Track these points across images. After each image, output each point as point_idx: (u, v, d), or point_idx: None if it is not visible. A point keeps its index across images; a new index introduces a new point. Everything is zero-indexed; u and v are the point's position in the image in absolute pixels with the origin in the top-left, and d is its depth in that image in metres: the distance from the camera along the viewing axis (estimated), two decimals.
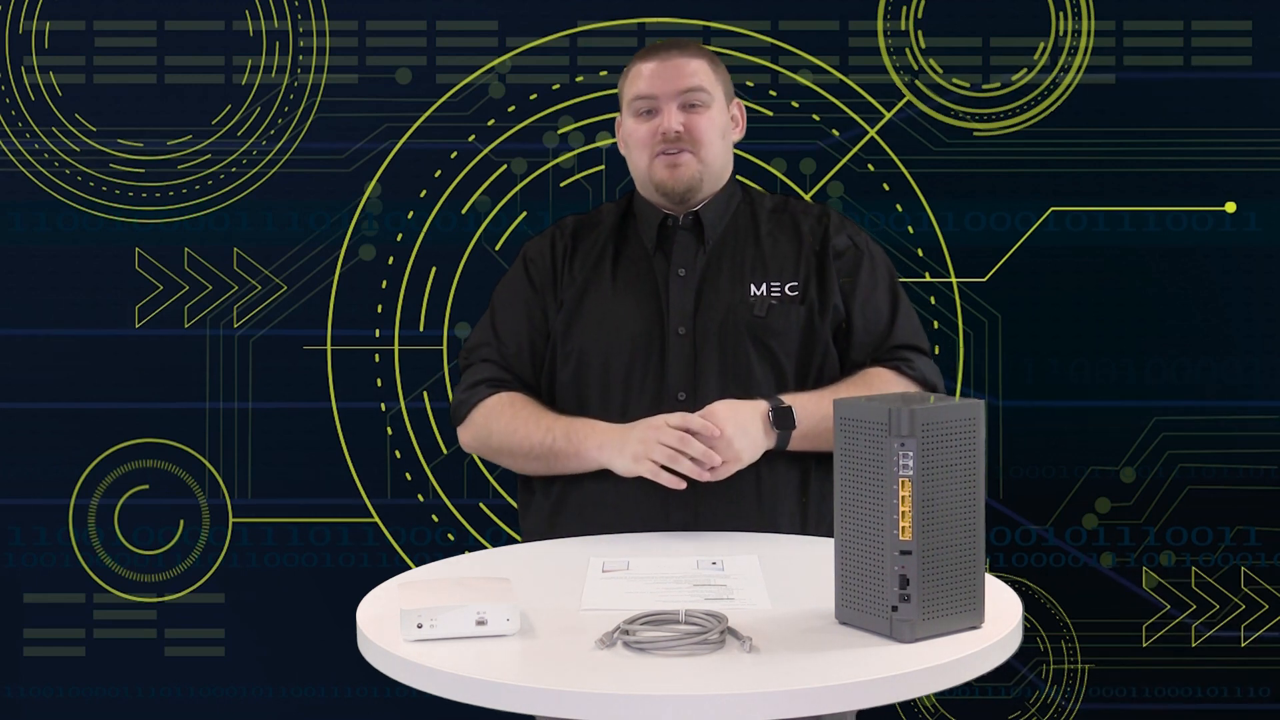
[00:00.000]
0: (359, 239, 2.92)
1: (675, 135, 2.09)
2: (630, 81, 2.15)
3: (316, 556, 2.93)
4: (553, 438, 2.06)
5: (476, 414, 2.14)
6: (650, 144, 2.11)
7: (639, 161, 2.14)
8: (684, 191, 2.11)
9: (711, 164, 2.13)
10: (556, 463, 2.07)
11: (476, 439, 2.16)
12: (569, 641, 1.45)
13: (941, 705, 2.93)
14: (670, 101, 2.10)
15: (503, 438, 2.11)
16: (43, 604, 2.94)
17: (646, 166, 2.12)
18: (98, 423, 2.92)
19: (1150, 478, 2.89)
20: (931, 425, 1.41)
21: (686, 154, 2.10)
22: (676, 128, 2.09)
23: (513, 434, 2.09)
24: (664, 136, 2.09)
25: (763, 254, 2.14)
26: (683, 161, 2.10)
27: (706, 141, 2.11)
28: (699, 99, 2.11)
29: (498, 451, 2.14)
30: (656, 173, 2.11)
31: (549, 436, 2.06)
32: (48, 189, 2.91)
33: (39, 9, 2.90)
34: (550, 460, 2.07)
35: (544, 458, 2.07)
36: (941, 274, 2.88)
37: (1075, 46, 2.86)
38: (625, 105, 2.16)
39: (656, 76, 2.11)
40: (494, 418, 2.12)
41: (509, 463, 2.15)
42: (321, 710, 2.94)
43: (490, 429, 2.12)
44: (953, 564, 1.43)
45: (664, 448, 1.94)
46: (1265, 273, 2.88)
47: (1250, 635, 2.91)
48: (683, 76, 2.10)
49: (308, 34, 2.90)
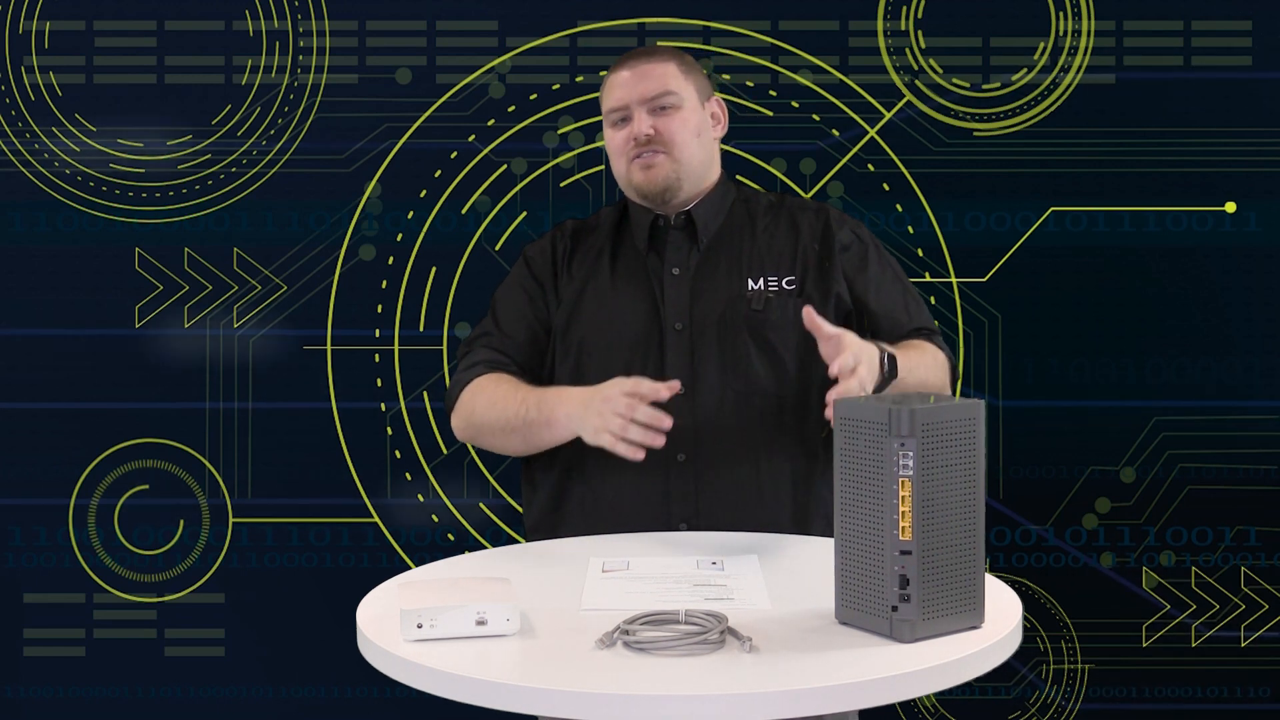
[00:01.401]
0: (359, 239, 2.92)
1: (645, 139, 2.12)
2: (606, 93, 2.19)
3: (316, 556, 2.93)
4: (526, 408, 2.06)
5: (464, 395, 2.15)
6: (625, 150, 2.15)
7: (618, 168, 2.19)
8: (661, 191, 2.14)
9: (688, 163, 2.15)
10: (533, 434, 2.06)
11: (464, 420, 2.15)
12: (569, 641, 1.45)
13: (941, 705, 2.93)
14: (640, 107, 2.14)
15: (484, 413, 2.11)
16: (43, 604, 2.94)
17: (625, 172, 2.16)
18: (98, 423, 2.92)
19: (1150, 478, 2.89)
20: (931, 425, 1.41)
21: (660, 155, 2.13)
22: (646, 131, 2.12)
23: (492, 408, 2.10)
24: (635, 141, 2.13)
25: (759, 249, 2.16)
26: (656, 163, 2.13)
27: (679, 142, 2.14)
28: (668, 101, 2.14)
29: (480, 429, 2.13)
30: (633, 176, 2.15)
31: (523, 408, 2.06)
32: (48, 189, 2.91)
33: (39, 9, 2.90)
34: (527, 432, 2.06)
35: (520, 430, 2.07)
36: (941, 274, 2.88)
37: (1075, 46, 2.86)
38: (604, 116, 2.21)
39: (625, 85, 2.15)
40: (479, 395, 2.12)
41: (494, 441, 2.14)
42: (321, 710, 2.94)
43: (475, 407, 2.13)
44: (953, 564, 1.43)
45: (618, 417, 1.92)
46: (1265, 273, 2.88)
47: (1250, 635, 2.91)
48: (649, 81, 2.14)
49: (308, 34, 2.90)
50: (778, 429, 2.09)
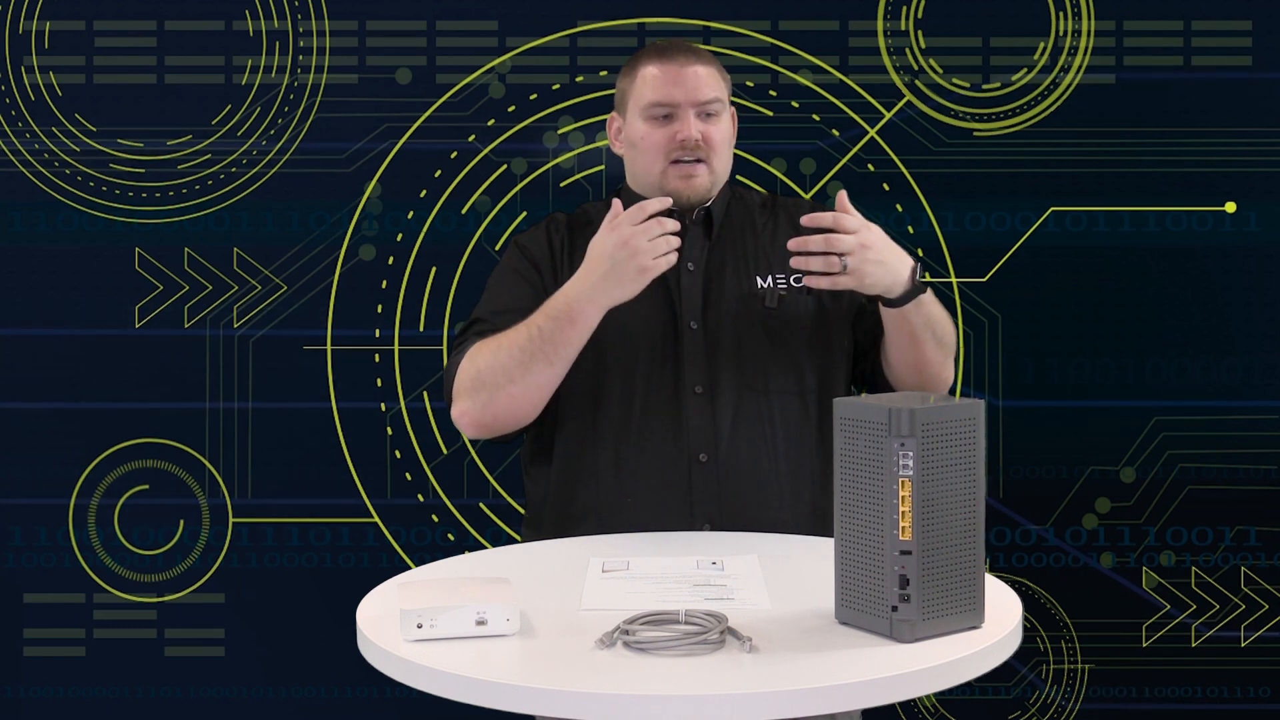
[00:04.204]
0: (359, 239, 2.92)
1: (695, 144, 2.09)
2: (642, 84, 2.13)
3: (316, 556, 2.93)
4: (537, 327, 1.97)
5: (461, 369, 2.04)
6: (666, 150, 2.11)
7: (650, 166, 2.13)
8: (698, 202, 2.14)
9: (721, 173, 2.15)
10: (558, 345, 1.97)
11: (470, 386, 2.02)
12: (569, 641, 1.45)
13: (941, 705, 2.93)
14: (690, 109, 2.10)
15: (490, 365, 2.00)
16: (43, 604, 2.94)
17: (660, 173, 2.12)
18: (98, 423, 2.92)
19: (1150, 478, 2.89)
20: (931, 425, 1.41)
21: (701, 165, 2.11)
22: (697, 137, 2.09)
23: (496, 354, 1.99)
24: (683, 144, 2.09)
25: (762, 247, 2.17)
26: (698, 173, 2.11)
27: (720, 152, 2.13)
28: (714, 109, 2.12)
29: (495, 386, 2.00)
30: (670, 181, 2.11)
31: (532, 328, 1.97)
32: (48, 189, 2.91)
33: (39, 9, 2.90)
34: (549, 348, 1.96)
35: (541, 350, 1.96)
36: (941, 274, 2.88)
37: (1075, 46, 2.86)
38: (636, 108, 2.14)
39: (676, 84, 2.10)
40: (477, 358, 2.02)
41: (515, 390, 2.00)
42: (321, 710, 2.94)
43: (478, 368, 2.01)
44: (953, 564, 1.43)
45: (650, 243, 1.90)
46: (1265, 273, 2.88)
47: (1250, 635, 2.91)
48: (703, 86, 2.11)
49: (308, 34, 2.90)
50: (795, 426, 2.08)
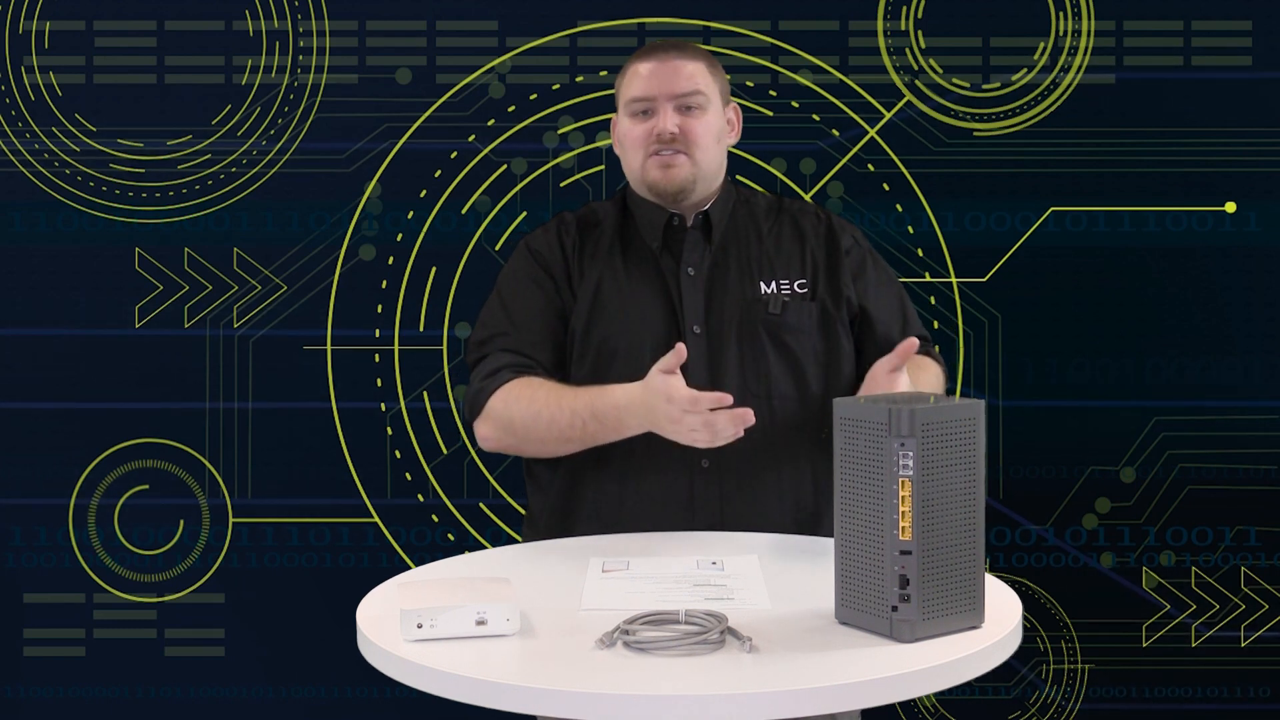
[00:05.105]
0: (359, 239, 2.92)
1: (670, 137, 2.09)
2: (627, 81, 2.15)
3: (316, 556, 2.93)
4: (582, 421, 2.00)
5: (495, 402, 2.06)
6: (645, 144, 2.11)
7: (633, 161, 2.14)
8: (676, 192, 2.12)
9: (705, 166, 2.13)
10: (595, 440, 2.02)
11: (497, 428, 2.07)
12: (569, 641, 1.45)
13: (941, 705, 2.93)
14: (667, 103, 2.10)
15: (528, 424, 2.03)
16: (43, 604, 2.94)
17: (640, 167, 2.12)
18: (98, 423, 2.92)
19: (1150, 478, 2.89)
20: (931, 425, 1.41)
21: (681, 155, 2.10)
22: (672, 129, 2.08)
23: (536, 418, 2.02)
24: (659, 138, 2.09)
25: (767, 252, 2.15)
26: (677, 163, 2.10)
27: (702, 145, 2.11)
28: (695, 101, 2.11)
29: (524, 439, 2.06)
30: (649, 173, 2.11)
31: (576, 421, 2.00)
32: (48, 189, 2.91)
33: (39, 9, 2.90)
34: (589, 440, 2.02)
35: (579, 440, 2.01)
36: (941, 274, 2.88)
37: (1075, 46, 2.86)
38: (622, 105, 2.16)
39: (654, 77, 2.11)
40: (514, 404, 2.05)
41: (541, 450, 2.08)
42: (321, 710, 2.94)
43: (511, 415, 2.05)
44: (953, 564, 1.43)
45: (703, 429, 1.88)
46: (1265, 273, 2.88)
47: (1250, 635, 2.91)
48: (680, 79, 2.10)
49: (308, 34, 2.90)
50: (798, 431, 2.08)
